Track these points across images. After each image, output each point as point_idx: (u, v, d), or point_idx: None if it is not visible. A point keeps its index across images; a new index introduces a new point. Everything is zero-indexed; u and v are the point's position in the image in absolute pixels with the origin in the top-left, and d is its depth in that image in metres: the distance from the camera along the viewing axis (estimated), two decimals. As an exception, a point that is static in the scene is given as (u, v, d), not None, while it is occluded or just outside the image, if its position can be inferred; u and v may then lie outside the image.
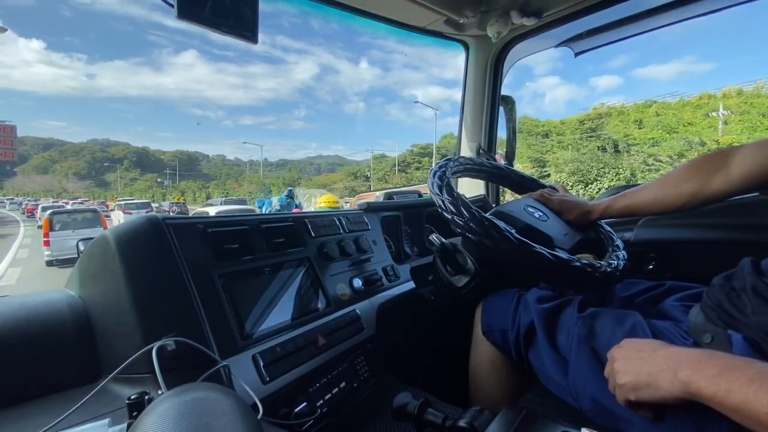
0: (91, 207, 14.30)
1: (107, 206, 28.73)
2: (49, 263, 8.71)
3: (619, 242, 0.93)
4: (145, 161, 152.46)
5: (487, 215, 0.78)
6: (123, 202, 23.79)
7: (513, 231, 0.76)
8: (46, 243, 8.68)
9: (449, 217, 0.79)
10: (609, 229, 0.99)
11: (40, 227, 10.27)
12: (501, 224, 0.77)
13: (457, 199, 0.80)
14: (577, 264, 0.75)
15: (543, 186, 1.10)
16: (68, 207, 18.67)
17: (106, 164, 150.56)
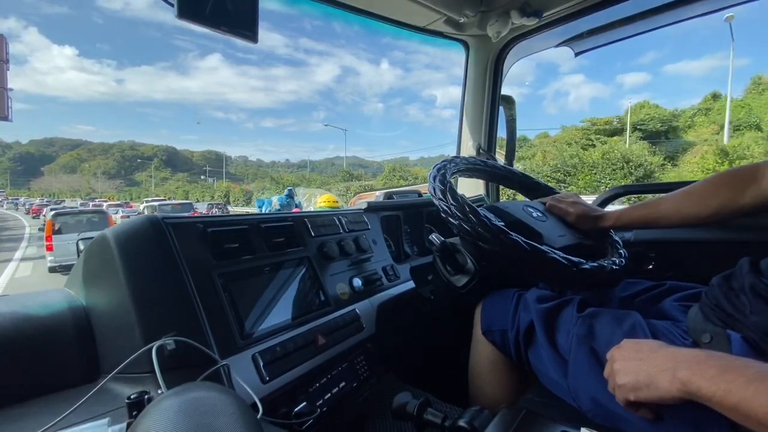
0: (97, 208, 12.38)
1: (131, 207, 23.67)
2: (52, 269, 7.72)
3: (622, 250, 0.91)
4: (175, 160, 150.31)
5: (476, 207, 0.78)
6: (156, 203, 17.52)
7: (494, 220, 0.77)
8: (49, 247, 7.75)
9: (436, 202, 0.83)
10: (616, 238, 0.97)
11: (41, 229, 9.03)
12: (484, 212, 0.78)
13: (445, 185, 0.83)
14: (553, 256, 0.73)
15: (557, 193, 1.09)
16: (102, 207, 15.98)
17: (138, 161, 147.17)
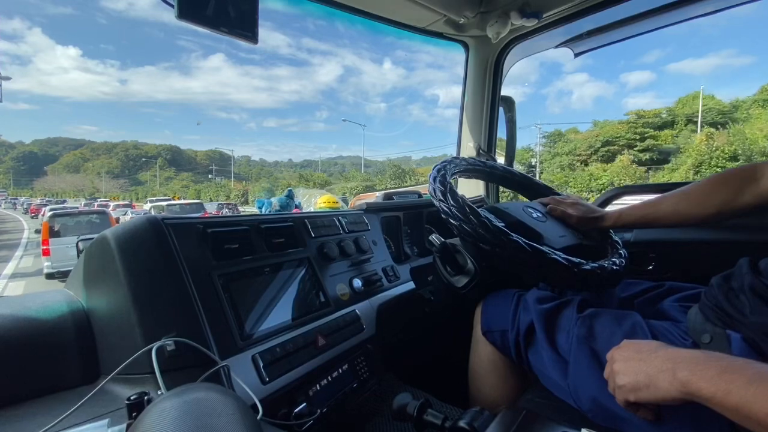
0: (101, 208, 11.30)
1: (133, 208, 22.72)
2: (50, 276, 6.99)
3: (622, 250, 0.91)
4: (179, 159, 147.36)
5: (476, 208, 0.78)
6: (164, 203, 16.45)
7: (495, 221, 0.77)
8: (46, 252, 7.02)
9: (437, 203, 0.83)
10: (616, 238, 0.97)
11: (39, 231, 7.80)
12: (484, 213, 0.78)
13: (445, 186, 0.84)
14: (554, 257, 0.73)
15: (556, 193, 1.09)
16: (109, 208, 14.73)
17: (143, 160, 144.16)
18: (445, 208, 0.80)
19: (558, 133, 33.33)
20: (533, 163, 30.80)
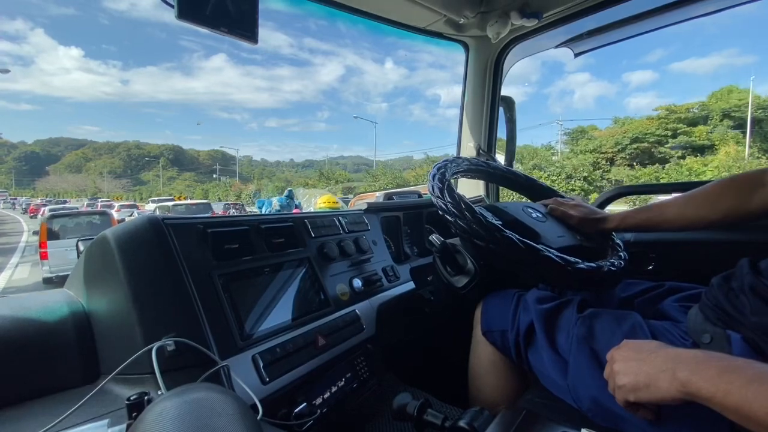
0: (100, 209, 10.56)
1: (139, 208, 22.43)
2: (48, 281, 6.59)
3: (623, 252, 0.90)
4: (181, 159, 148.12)
5: (472, 204, 0.79)
6: (170, 203, 15.94)
7: (490, 218, 0.77)
8: (44, 255, 6.54)
9: (434, 200, 0.83)
10: (618, 241, 0.96)
11: (37, 232, 7.20)
12: (479, 209, 0.78)
13: (443, 184, 0.84)
14: (548, 254, 0.73)
15: (559, 195, 1.09)
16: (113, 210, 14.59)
17: (145, 159, 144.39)
18: (442, 205, 0.80)
19: (581, 130, 31.81)
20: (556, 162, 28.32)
